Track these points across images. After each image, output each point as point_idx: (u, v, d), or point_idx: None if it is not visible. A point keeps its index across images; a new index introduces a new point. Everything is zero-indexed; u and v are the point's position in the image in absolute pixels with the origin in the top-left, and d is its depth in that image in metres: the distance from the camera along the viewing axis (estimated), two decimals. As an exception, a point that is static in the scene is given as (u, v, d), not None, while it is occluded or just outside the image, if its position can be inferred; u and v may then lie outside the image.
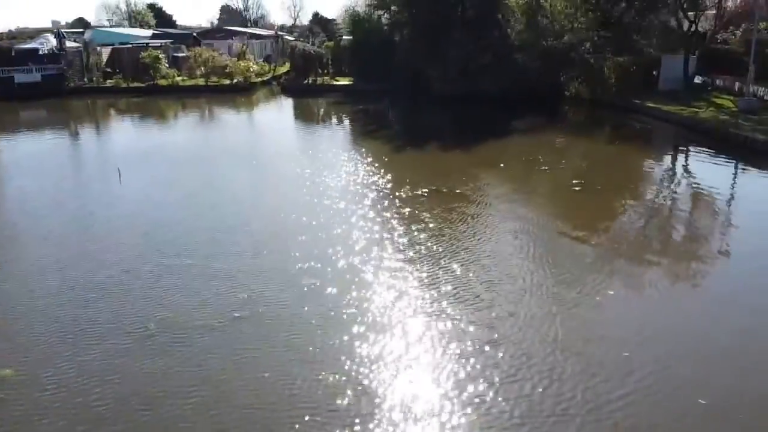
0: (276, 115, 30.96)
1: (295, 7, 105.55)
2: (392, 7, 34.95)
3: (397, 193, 14.57)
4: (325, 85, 37.18)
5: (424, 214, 12.98)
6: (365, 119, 28.52)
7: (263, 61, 47.02)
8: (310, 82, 37.50)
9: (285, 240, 11.49)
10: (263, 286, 9.58)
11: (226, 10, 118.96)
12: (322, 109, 32.65)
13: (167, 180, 16.43)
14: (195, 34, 50.69)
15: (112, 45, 41.41)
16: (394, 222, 12.46)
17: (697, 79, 29.17)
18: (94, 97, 36.37)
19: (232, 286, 9.52)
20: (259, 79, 40.90)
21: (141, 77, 37.65)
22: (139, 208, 13.87)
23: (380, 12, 35.57)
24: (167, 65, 37.58)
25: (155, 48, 38.71)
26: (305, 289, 9.39)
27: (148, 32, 50.68)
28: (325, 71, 38.06)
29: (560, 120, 27.59)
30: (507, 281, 9.64)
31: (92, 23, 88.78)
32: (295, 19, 79.47)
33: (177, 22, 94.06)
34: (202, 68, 37.38)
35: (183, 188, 15.50)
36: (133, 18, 72.96)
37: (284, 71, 43.44)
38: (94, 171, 18.51)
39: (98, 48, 40.30)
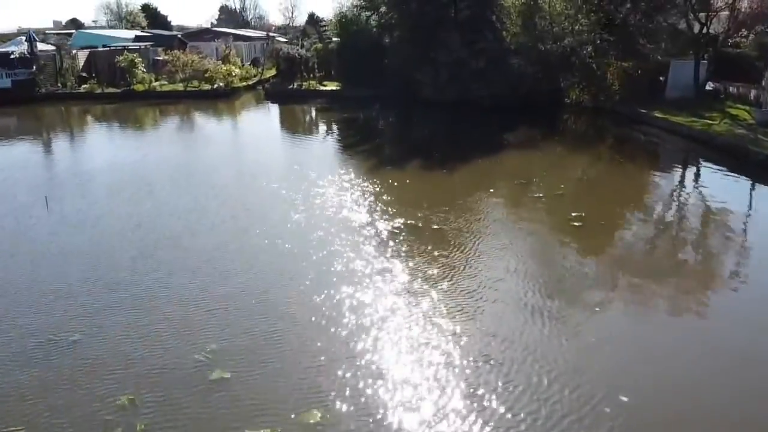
0: (252, 124, 28.30)
1: (292, 7, 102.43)
2: (381, 8, 32.31)
3: (366, 231, 12.01)
4: (311, 90, 34.60)
5: (393, 262, 10.43)
6: (348, 130, 25.91)
7: (250, 64, 44.50)
8: (295, 87, 34.92)
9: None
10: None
11: (225, 11, 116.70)
12: (305, 118, 30.10)
13: (100, 209, 13.89)
14: (180, 35, 48.08)
15: (95, 47, 38.93)
16: (350, 287, 9.85)
17: (708, 86, 26.46)
18: (67, 104, 33.85)
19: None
20: (244, 83, 38.35)
21: (117, 82, 35.16)
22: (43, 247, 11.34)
23: (368, 13, 32.94)
24: (144, 69, 35.02)
25: (133, 51, 36.14)
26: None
27: (132, 34, 48.12)
28: (312, 75, 35.46)
29: (559, 131, 24.96)
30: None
31: (86, 24, 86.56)
32: (290, 20, 76.40)
33: (172, 23, 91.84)
34: (180, 73, 34.81)
35: (113, 221, 12.97)
36: (125, 19, 70.36)
37: (272, 75, 40.87)
38: (26, 194, 15.97)
39: (74, 51, 37.83)
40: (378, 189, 15.12)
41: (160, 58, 36.04)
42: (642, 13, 25.88)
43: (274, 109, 32.48)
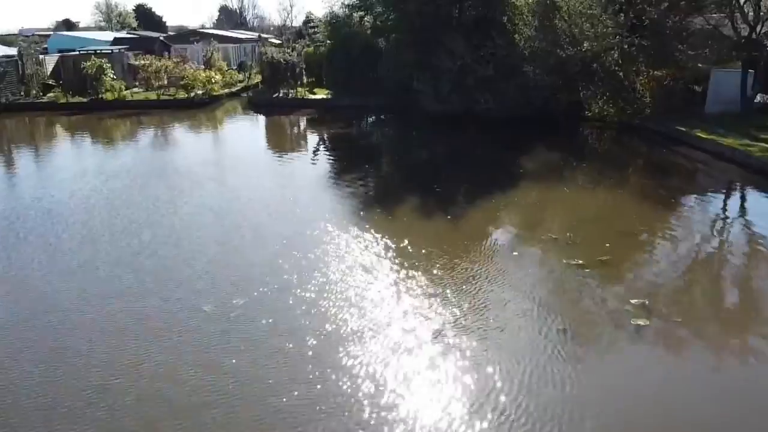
0: (226, 142, 23.64)
1: (290, 7, 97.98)
2: (376, 8, 27.98)
3: (322, 333, 7.87)
4: (299, 99, 30.33)
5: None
6: (335, 151, 21.55)
7: (237, 68, 40.23)
8: (280, 95, 30.64)
9: None
10: None
11: (225, 11, 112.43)
12: (288, 133, 25.73)
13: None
14: (162, 38, 43.77)
15: (71, 52, 34.70)
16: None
17: (757, 99, 22.14)
18: (30, 114, 29.75)
19: None
20: (226, 90, 34.07)
21: (84, 90, 30.95)
22: None
23: (361, 13, 28.62)
24: (114, 76, 30.76)
25: (102, 55, 31.87)
26: None
27: (111, 36, 43.85)
28: (299, 82, 31.15)
29: (583, 153, 20.56)
30: None
31: (80, 24, 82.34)
32: (285, 21, 71.74)
33: (168, 24, 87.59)
34: (153, 80, 30.56)
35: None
36: (115, 20, 66.14)
37: (260, 80, 36.56)
38: None
39: (41, 57, 33.63)
40: (361, 245, 10.92)
41: (132, 63, 31.71)
42: (680, 13, 21.50)
43: (255, 122, 28.19)
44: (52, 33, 44.08)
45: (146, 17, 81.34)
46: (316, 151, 21.04)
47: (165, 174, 16.98)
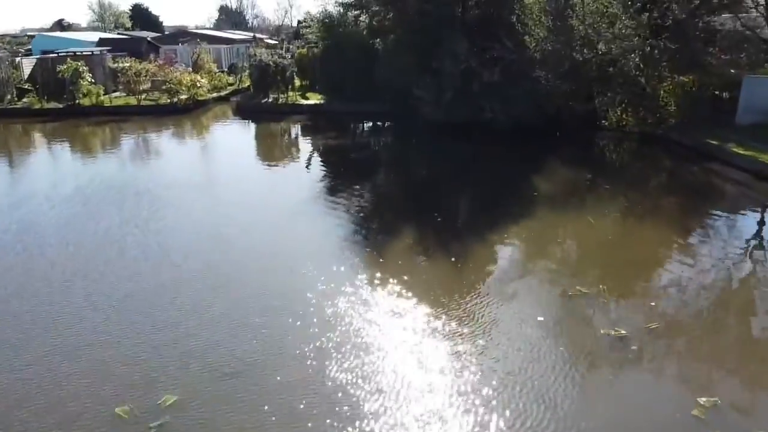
0: (201, 154, 21.13)
1: (289, 6, 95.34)
2: (372, 6, 25.48)
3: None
4: (289, 104, 27.86)
5: None
6: (326, 166, 19.02)
7: (228, 70, 37.77)
8: (269, 100, 28.17)
9: None
10: None
11: (224, 11, 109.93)
12: (270, 144, 23.16)
13: None
14: (149, 38, 41.26)
15: (53, 54, 32.26)
16: None
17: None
18: (2, 121, 27.36)
19: None
20: (214, 94, 31.61)
21: (60, 96, 28.52)
22: None
23: (356, 12, 26.10)
24: (92, 80, 28.29)
25: (80, 58, 29.40)
26: None
27: (96, 36, 41.37)
28: (289, 87, 28.66)
29: (599, 169, 18.00)
30: None
31: (74, 24, 79.84)
32: (283, 20, 68.98)
33: (165, 23, 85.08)
34: (133, 84, 28.08)
35: None
36: (108, 20, 63.60)
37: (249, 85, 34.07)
38: None
39: (17, 59, 31.23)
40: (342, 297, 8.48)
41: (112, 65, 29.20)
42: (710, 13, 19.00)
43: (240, 130, 25.67)
44: (36, 34, 41.62)
45: (142, 17, 78.88)
46: (305, 166, 18.55)
47: (124, 198, 14.49)
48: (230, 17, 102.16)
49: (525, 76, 20.57)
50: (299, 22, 45.58)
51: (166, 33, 50.02)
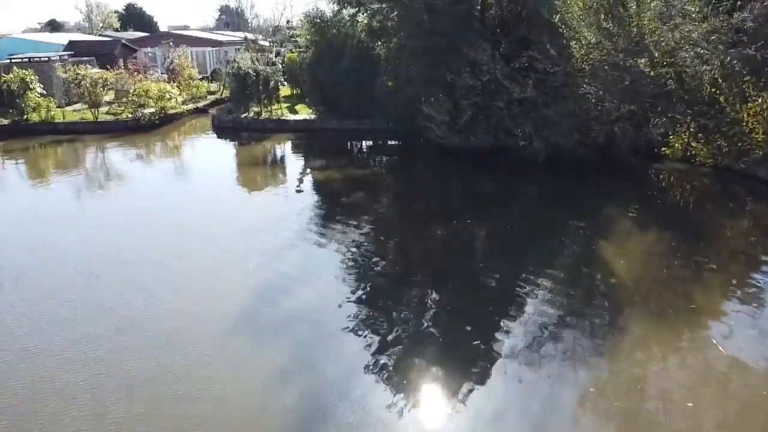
0: (151, 192, 15.44)
1: (290, 6, 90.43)
2: (372, 4, 20.49)
3: None
4: (273, 120, 22.91)
5: None
6: (313, 211, 14.01)
7: (209, 77, 32.84)
8: (251, 115, 23.21)
9: None
10: None
11: (225, 11, 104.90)
12: (244, 175, 17.83)
13: None
14: (124, 40, 36.27)
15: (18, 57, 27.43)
16: None
17: None
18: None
19: None
20: (190, 105, 26.71)
21: (6, 110, 23.65)
22: None
23: (352, 10, 21.11)
24: (43, 91, 23.39)
25: (29, 65, 24.53)
26: None
27: (66, 38, 36.44)
28: (273, 99, 23.67)
29: (672, 219, 12.87)
30: None
31: (65, 24, 75.06)
32: (279, 21, 63.38)
33: (160, 24, 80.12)
34: (91, 95, 23.14)
35: None
36: (96, 20, 58.60)
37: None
38: None
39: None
40: None
41: (64, 75, 24.26)
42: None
43: (210, 153, 20.60)
44: (2, 36, 36.85)
45: (136, 17, 73.96)
46: (290, 213, 13.60)
47: (26, 276, 9.68)
48: (229, 17, 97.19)
49: (567, 92, 15.56)
50: (288, 21, 40.39)
51: (148, 35, 45.04)
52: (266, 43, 44.50)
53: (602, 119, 15.27)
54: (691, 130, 15.85)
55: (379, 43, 21.02)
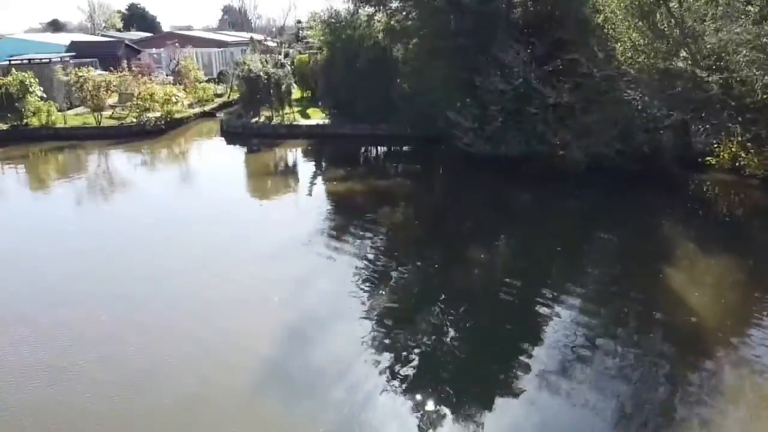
0: (152, 208, 14.08)
1: (293, 6, 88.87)
2: (391, 3, 19.21)
3: None
4: (285, 125, 21.63)
5: None
6: (328, 230, 12.81)
7: (216, 79, 31.58)
8: (261, 120, 21.93)
9: None
10: None
11: (228, 11, 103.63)
12: (252, 189, 16.34)
13: None
14: (128, 41, 34.99)
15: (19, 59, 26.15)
16: None
17: None
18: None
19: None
20: (197, 109, 25.47)
21: (5, 114, 22.38)
22: None
23: (370, 10, 19.85)
24: (43, 94, 22.12)
25: (29, 67, 23.27)
26: None
27: (68, 39, 35.15)
28: (286, 104, 22.39)
29: (715, 238, 11.63)
30: None
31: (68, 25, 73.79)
32: (285, 21, 61.72)
33: (163, 25, 78.79)
34: (93, 99, 21.86)
35: None
36: (99, 20, 57.21)
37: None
38: None
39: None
40: None
41: (65, 77, 22.99)
42: None
43: (219, 162, 19.24)
44: (2, 36, 35.58)
45: (138, 18, 72.62)
46: (307, 240, 12.32)
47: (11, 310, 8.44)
48: (233, 17, 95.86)
49: (608, 97, 14.28)
50: (299, 21, 38.95)
51: (152, 35, 43.73)
52: (272, 44, 43.24)
53: (648, 127, 14.00)
54: (740, 138, 14.59)
55: (398, 44, 19.71)
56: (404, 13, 18.30)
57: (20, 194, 16.02)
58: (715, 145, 15.02)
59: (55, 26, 71.39)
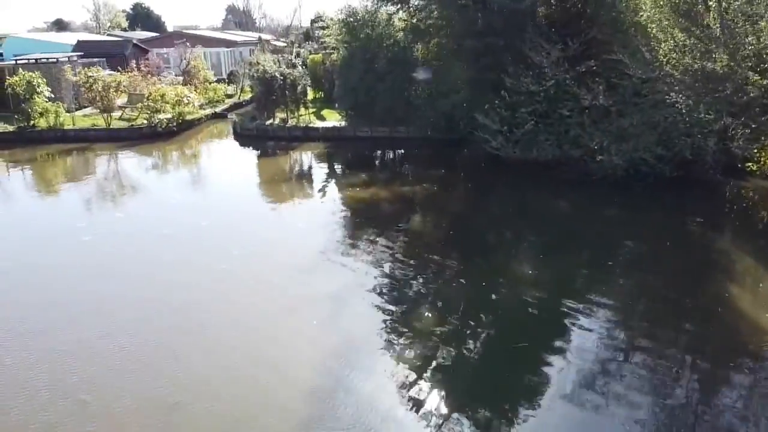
0: (160, 220, 13.21)
1: (298, 6, 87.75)
2: (414, 1, 18.31)
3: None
4: (301, 127, 20.79)
5: None
6: (359, 243, 11.94)
7: (226, 80, 30.73)
8: (276, 122, 21.08)
9: None
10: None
11: (231, 11, 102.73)
12: (277, 199, 15.45)
13: None
14: (136, 41, 34.09)
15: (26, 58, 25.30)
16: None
17: None
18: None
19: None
20: (208, 110, 24.65)
21: (12, 115, 21.55)
22: None
23: (392, 9, 18.99)
24: (51, 95, 21.29)
25: (36, 67, 22.42)
26: None
27: (75, 38, 34.25)
28: (301, 105, 21.56)
29: (761, 258, 10.93)
30: None
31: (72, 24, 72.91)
32: (292, 21, 60.63)
33: (167, 24, 77.87)
34: (102, 100, 21.03)
35: None
36: (104, 19, 56.33)
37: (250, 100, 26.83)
38: None
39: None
40: None
41: (73, 77, 22.14)
42: None
43: (231, 167, 18.31)
44: (6, 35, 34.68)
45: (143, 17, 71.71)
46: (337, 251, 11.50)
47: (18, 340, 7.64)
48: (237, 17, 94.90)
49: (649, 100, 13.44)
50: (313, 21, 38.01)
51: (159, 34, 42.84)
52: (280, 44, 42.36)
53: (690, 131, 13.17)
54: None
55: (419, 44, 18.86)
56: (428, 11, 17.43)
57: (26, 202, 15.19)
58: (756, 151, 14.20)
59: (59, 26, 70.52)
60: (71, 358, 7.11)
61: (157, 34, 43.13)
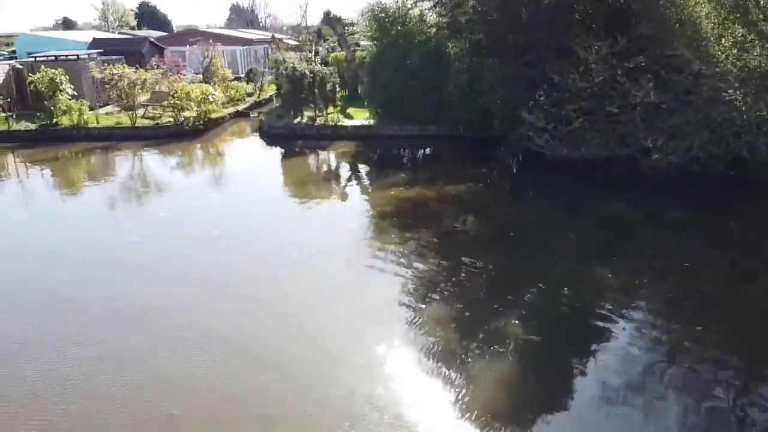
0: (193, 220, 12.55)
1: (304, 5, 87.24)
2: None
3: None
4: (329, 126, 20.26)
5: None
6: (408, 254, 11.31)
7: (245, 77, 30.16)
8: (304, 121, 20.55)
9: None
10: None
11: (235, 10, 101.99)
12: (312, 200, 14.58)
13: None
14: (152, 39, 33.49)
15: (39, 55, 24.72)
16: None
17: None
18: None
19: None
20: (230, 109, 24.12)
21: (33, 113, 21.00)
22: None
23: (426, 4, 18.50)
24: (73, 92, 20.72)
25: (59, 64, 21.84)
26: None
27: (90, 36, 33.63)
28: (331, 103, 21.03)
29: None
30: None
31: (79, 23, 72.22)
32: (304, 19, 60.04)
33: (174, 23, 77.23)
34: (127, 97, 20.49)
35: None
36: (112, 18, 55.65)
37: (275, 93, 26.19)
38: None
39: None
40: None
41: (96, 74, 21.59)
42: None
43: (261, 167, 17.68)
44: (20, 33, 34.05)
45: (149, 16, 71.05)
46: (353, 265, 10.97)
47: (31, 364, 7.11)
48: (242, 16, 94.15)
49: (706, 98, 12.95)
50: (338, 19, 37.25)
51: (172, 33, 42.23)
52: (293, 42, 41.74)
53: (749, 130, 12.70)
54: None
55: (454, 40, 18.34)
56: (465, 6, 16.90)
57: (51, 208, 14.65)
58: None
59: (67, 24, 69.82)
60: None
61: (169, 33, 42.49)
